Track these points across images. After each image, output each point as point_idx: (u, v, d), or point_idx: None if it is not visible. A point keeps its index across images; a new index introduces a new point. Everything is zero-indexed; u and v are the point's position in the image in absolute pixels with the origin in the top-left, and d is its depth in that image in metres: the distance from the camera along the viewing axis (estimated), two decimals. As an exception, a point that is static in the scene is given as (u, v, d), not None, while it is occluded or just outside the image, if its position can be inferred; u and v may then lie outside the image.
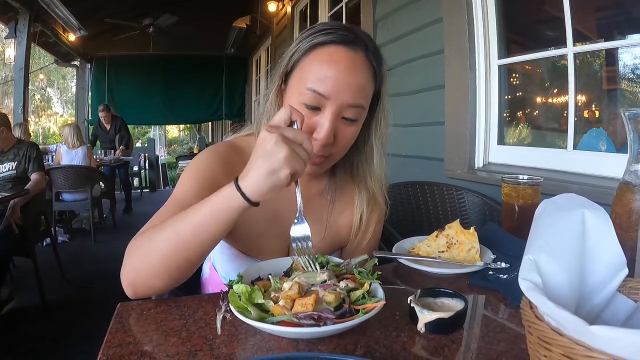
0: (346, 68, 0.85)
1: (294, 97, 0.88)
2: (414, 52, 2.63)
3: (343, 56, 0.86)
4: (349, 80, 0.85)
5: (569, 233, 0.56)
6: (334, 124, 0.86)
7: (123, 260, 0.77)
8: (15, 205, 3.01)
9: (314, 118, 0.86)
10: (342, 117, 0.87)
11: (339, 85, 0.84)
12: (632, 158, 0.78)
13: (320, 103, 0.85)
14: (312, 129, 0.86)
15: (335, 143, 0.88)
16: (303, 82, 0.86)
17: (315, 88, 0.84)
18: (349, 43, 0.87)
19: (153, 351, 0.63)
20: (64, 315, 3.05)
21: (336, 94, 0.84)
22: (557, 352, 0.43)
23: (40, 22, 5.91)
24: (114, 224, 5.90)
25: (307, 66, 0.88)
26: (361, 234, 1.05)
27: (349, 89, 0.85)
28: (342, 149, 0.93)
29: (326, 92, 0.84)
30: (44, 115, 19.16)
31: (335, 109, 0.85)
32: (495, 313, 0.79)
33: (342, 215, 1.06)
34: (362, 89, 0.88)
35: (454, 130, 2.24)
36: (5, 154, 3.41)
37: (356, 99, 0.87)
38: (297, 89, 0.87)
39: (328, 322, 0.63)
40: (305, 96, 0.85)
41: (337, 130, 0.87)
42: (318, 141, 0.85)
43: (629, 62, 2.04)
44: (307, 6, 5.11)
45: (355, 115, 0.88)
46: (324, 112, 0.86)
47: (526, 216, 1.11)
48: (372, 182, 1.02)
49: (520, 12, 2.26)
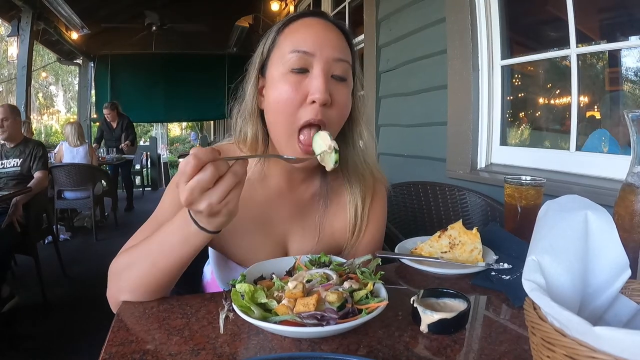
0: (322, 28, 0.87)
1: (278, 75, 0.86)
2: (416, 52, 2.62)
3: (316, 21, 0.89)
4: (328, 36, 0.86)
5: (572, 234, 0.56)
6: (326, 80, 0.84)
7: (108, 281, 0.81)
8: (17, 203, 3.02)
9: (305, 81, 0.84)
10: (332, 75, 0.86)
11: (320, 40, 0.85)
12: (635, 160, 0.78)
13: (306, 63, 0.84)
14: (305, 93, 0.84)
15: (332, 105, 0.85)
16: (284, 53, 0.85)
17: (299, 48, 0.84)
18: (318, 15, 0.91)
19: (155, 350, 0.63)
20: (65, 313, 3.06)
21: (320, 49, 0.84)
22: (560, 353, 0.43)
23: (43, 21, 5.91)
24: (116, 222, 5.92)
25: (284, 39, 0.88)
26: (358, 229, 1.01)
27: (330, 44, 0.85)
28: (341, 112, 0.89)
29: (309, 48, 0.84)
30: (47, 113, 19.19)
31: (323, 65, 0.84)
32: (498, 314, 0.79)
33: (336, 219, 1.02)
34: (342, 46, 0.88)
35: (456, 131, 2.24)
36: (12, 150, 3.43)
37: (340, 52, 0.86)
38: (280, 62, 0.86)
39: (331, 321, 0.63)
40: (290, 61, 0.84)
41: (331, 90, 0.85)
42: (317, 101, 0.82)
43: (632, 64, 2.04)
44: (310, 6, 5.11)
45: (343, 71, 0.87)
46: (313, 71, 0.84)
47: (529, 217, 1.11)
48: (363, 166, 1.00)
49: (523, 12, 2.26)
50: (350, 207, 1.01)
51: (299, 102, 0.84)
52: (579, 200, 0.60)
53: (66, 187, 4.86)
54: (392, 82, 3.00)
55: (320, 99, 0.82)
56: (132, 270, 0.78)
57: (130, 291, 0.78)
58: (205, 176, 0.62)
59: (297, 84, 0.84)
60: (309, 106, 0.83)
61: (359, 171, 1.00)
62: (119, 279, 0.79)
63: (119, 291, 0.79)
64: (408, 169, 2.75)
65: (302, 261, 0.86)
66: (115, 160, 6.49)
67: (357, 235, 1.02)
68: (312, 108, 0.83)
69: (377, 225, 1.07)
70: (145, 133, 17.66)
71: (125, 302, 0.79)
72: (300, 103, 0.84)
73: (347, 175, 1.01)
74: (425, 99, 2.57)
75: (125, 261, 0.80)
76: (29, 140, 3.61)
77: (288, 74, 0.85)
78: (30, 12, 5.47)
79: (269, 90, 0.89)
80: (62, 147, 5.31)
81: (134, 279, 0.77)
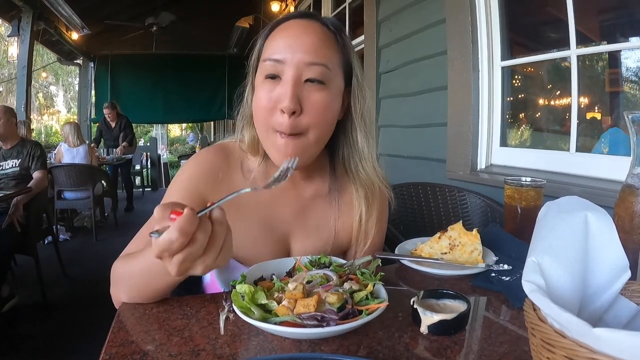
0: (297, 30, 0.85)
1: (258, 82, 0.87)
2: (416, 52, 2.62)
3: (294, 24, 0.87)
4: (302, 40, 0.84)
5: (572, 235, 0.56)
6: (295, 88, 0.81)
7: (110, 280, 0.83)
8: (17, 203, 3.02)
9: (276, 89, 0.83)
10: (306, 80, 0.83)
11: (292, 46, 0.83)
12: (635, 161, 0.78)
13: (278, 70, 0.83)
14: (277, 102, 0.82)
15: (305, 112, 0.83)
16: (264, 59, 0.86)
17: (271, 56, 0.84)
18: (303, 16, 0.88)
19: (155, 350, 0.63)
20: (65, 313, 3.06)
21: (291, 54, 0.82)
22: (560, 354, 0.43)
23: (44, 21, 5.90)
24: (116, 223, 5.92)
25: (267, 47, 0.87)
26: (362, 235, 1.01)
27: (302, 47, 0.83)
28: (316, 119, 0.84)
29: (280, 55, 0.83)
30: (47, 113, 19.20)
31: (293, 73, 0.82)
32: (498, 315, 0.79)
33: (346, 217, 1.02)
34: (319, 47, 0.84)
35: (456, 132, 2.24)
36: (9, 151, 3.43)
37: (313, 56, 0.83)
38: (261, 69, 0.86)
39: (331, 322, 0.63)
40: (263, 68, 0.85)
41: (302, 96, 0.83)
42: (284, 110, 0.81)
43: (632, 65, 2.04)
44: (310, 6, 5.11)
45: (318, 74, 0.83)
46: (283, 79, 0.83)
47: (529, 218, 1.11)
48: (365, 170, 0.98)
49: (523, 13, 2.26)
50: (356, 211, 1.01)
51: (270, 110, 0.84)
52: (579, 202, 0.60)
53: (66, 188, 4.86)
54: (392, 83, 3.00)
55: (286, 107, 0.81)
56: (129, 281, 0.80)
57: (128, 298, 0.81)
58: (195, 248, 0.55)
59: (270, 92, 0.84)
60: (280, 115, 0.83)
61: (361, 178, 0.99)
62: (118, 284, 0.82)
63: (119, 292, 0.81)
64: (408, 170, 2.75)
65: (302, 262, 0.86)
66: (115, 161, 6.49)
67: (363, 242, 1.02)
68: (283, 117, 0.82)
69: (379, 233, 1.07)
70: (145, 133, 17.67)
71: (125, 303, 0.79)
72: (272, 111, 0.83)
73: (353, 178, 1.00)
74: (426, 100, 2.57)
75: (122, 271, 0.82)
76: (26, 140, 3.61)
77: (264, 81, 0.85)
78: (31, 12, 5.47)
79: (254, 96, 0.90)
80: (61, 148, 5.30)
81: (131, 289, 0.80)
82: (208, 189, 0.92)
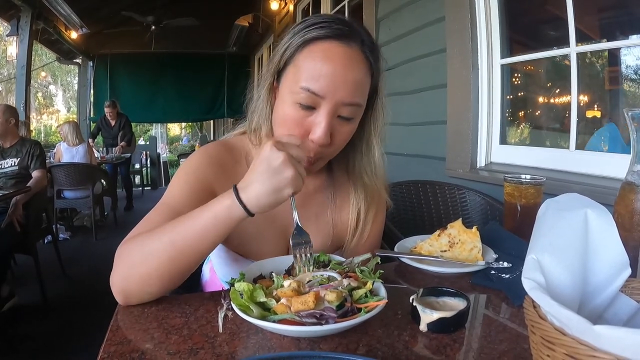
0: (341, 65, 0.82)
1: (287, 96, 0.85)
2: (416, 50, 2.62)
3: (338, 52, 0.82)
4: (345, 78, 0.82)
5: (572, 233, 0.56)
6: (330, 124, 0.83)
7: (113, 265, 0.77)
8: (17, 202, 3.02)
9: (309, 118, 0.84)
10: (338, 115, 0.85)
11: (334, 83, 0.81)
12: (635, 158, 0.77)
13: (315, 102, 0.82)
14: (308, 129, 0.84)
15: (330, 143, 0.86)
16: (297, 81, 0.83)
17: (310, 87, 0.81)
18: (344, 37, 0.83)
19: (154, 349, 0.63)
20: (65, 313, 3.06)
21: (331, 93, 0.81)
22: (560, 352, 0.43)
23: (43, 20, 5.90)
24: (115, 222, 5.92)
25: (300, 63, 0.84)
26: (359, 233, 1.03)
27: (344, 87, 0.82)
28: (337, 149, 0.91)
29: (321, 91, 0.81)
30: (46, 112, 19.18)
31: (330, 108, 0.82)
32: (497, 312, 0.79)
33: (342, 212, 1.04)
34: (359, 86, 0.85)
35: (456, 130, 2.24)
36: (8, 150, 3.43)
37: (352, 97, 0.84)
38: (291, 88, 0.84)
39: (330, 320, 0.63)
40: (299, 95, 0.82)
41: (332, 129, 0.85)
42: (315, 142, 0.83)
43: (632, 62, 2.04)
44: (310, 4, 5.11)
45: (351, 113, 0.86)
46: (319, 112, 0.83)
47: (528, 216, 1.11)
48: (372, 178, 1.00)
49: (523, 11, 2.25)
50: (354, 209, 1.02)
51: (299, 134, 0.84)
52: (579, 199, 0.60)
53: (65, 187, 4.86)
54: (391, 81, 2.99)
55: (319, 141, 0.83)
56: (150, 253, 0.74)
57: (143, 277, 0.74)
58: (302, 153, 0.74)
59: (302, 119, 0.84)
60: (308, 141, 0.84)
61: (364, 179, 1.00)
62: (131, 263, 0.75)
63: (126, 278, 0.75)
64: (407, 168, 2.75)
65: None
66: (114, 160, 6.49)
67: (359, 239, 1.03)
68: (312, 145, 0.84)
69: (375, 232, 1.09)
70: (145, 132, 17.66)
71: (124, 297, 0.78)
72: (301, 135, 0.84)
73: (353, 178, 1.02)
74: (425, 98, 2.57)
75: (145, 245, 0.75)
76: (26, 139, 3.62)
77: (295, 105, 0.84)
78: (30, 12, 5.47)
79: (278, 101, 0.89)
80: (60, 147, 5.29)
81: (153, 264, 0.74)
82: (215, 178, 0.92)
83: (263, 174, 0.71)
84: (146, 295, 0.77)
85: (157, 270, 0.74)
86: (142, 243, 0.76)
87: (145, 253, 0.74)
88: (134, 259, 0.75)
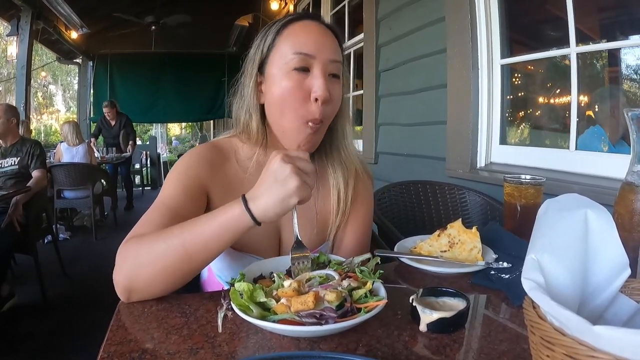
0: (320, 33, 0.95)
1: (279, 73, 0.93)
2: (416, 51, 2.62)
3: (313, 25, 0.96)
4: (325, 41, 0.95)
5: (572, 233, 0.56)
6: (326, 79, 0.92)
7: (116, 263, 0.78)
8: (17, 202, 3.02)
9: (307, 80, 0.92)
10: (329, 74, 0.94)
11: (319, 44, 0.93)
12: (635, 158, 0.77)
13: (308, 63, 0.92)
14: (308, 90, 0.92)
15: (330, 101, 0.94)
16: (286, 53, 0.92)
17: (301, 50, 0.91)
18: (315, 18, 0.98)
19: (154, 349, 0.63)
20: (65, 312, 3.05)
21: (319, 52, 0.92)
22: (559, 352, 0.43)
23: (43, 20, 5.89)
24: (115, 222, 5.91)
25: (284, 40, 0.94)
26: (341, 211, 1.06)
27: (328, 47, 0.94)
28: (335, 108, 0.98)
29: (311, 51, 0.92)
30: (46, 112, 19.18)
31: (322, 65, 0.92)
32: (497, 313, 0.79)
33: (326, 201, 1.07)
34: (337, 47, 0.97)
35: (456, 130, 2.24)
36: (8, 150, 3.43)
37: (336, 55, 0.95)
38: (282, 62, 0.93)
39: (330, 320, 0.63)
40: (293, 61, 0.92)
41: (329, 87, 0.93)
42: (319, 98, 0.91)
43: (632, 63, 2.04)
44: (310, 5, 5.10)
45: (337, 70, 0.96)
46: (313, 71, 0.92)
47: (528, 216, 1.11)
48: (346, 154, 1.07)
49: (523, 11, 2.26)
50: (334, 190, 1.07)
51: (302, 98, 0.92)
52: (579, 199, 0.60)
53: (66, 187, 4.86)
54: (391, 81, 3.00)
55: (322, 96, 0.91)
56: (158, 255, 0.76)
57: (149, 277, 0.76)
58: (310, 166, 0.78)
59: (300, 82, 0.92)
60: (312, 103, 0.92)
61: (341, 157, 1.07)
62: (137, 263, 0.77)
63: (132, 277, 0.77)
64: (407, 168, 2.75)
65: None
66: (114, 160, 6.49)
67: (341, 217, 1.07)
68: (316, 106, 0.92)
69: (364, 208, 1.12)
70: (145, 132, 17.65)
71: (124, 295, 0.78)
72: (303, 98, 0.92)
73: (332, 159, 1.08)
74: (425, 98, 2.57)
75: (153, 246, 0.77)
76: (26, 139, 3.61)
77: (291, 72, 0.92)
78: (30, 11, 5.47)
79: (271, 86, 0.95)
80: (60, 147, 5.29)
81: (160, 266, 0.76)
82: (206, 176, 0.97)
83: (271, 185, 0.75)
84: (149, 295, 0.79)
85: (163, 272, 0.76)
86: (149, 244, 0.78)
87: (153, 254, 0.77)
88: (140, 259, 0.77)
